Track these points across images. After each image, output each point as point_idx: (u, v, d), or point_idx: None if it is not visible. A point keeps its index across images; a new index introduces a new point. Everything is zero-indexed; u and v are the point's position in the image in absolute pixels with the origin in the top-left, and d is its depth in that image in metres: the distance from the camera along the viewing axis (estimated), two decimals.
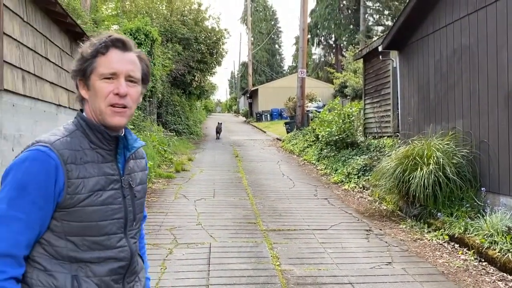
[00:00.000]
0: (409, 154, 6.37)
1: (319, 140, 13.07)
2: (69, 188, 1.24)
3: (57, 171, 1.23)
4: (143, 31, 14.54)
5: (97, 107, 1.32)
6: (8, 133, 5.68)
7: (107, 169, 1.34)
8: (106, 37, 1.33)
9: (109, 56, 1.31)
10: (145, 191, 1.51)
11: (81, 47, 1.35)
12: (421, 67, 7.95)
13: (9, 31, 5.62)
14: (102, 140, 1.34)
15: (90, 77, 1.32)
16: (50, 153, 1.23)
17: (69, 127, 1.36)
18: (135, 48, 1.38)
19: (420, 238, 5.46)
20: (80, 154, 1.29)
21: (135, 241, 1.43)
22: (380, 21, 37.72)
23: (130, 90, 1.33)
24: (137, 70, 1.36)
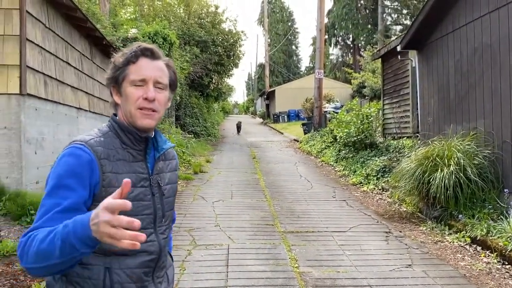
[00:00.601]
0: (429, 155, 6.27)
1: (337, 141, 12.99)
2: (104, 181, 1.34)
3: (91, 165, 1.32)
4: (161, 35, 14.69)
5: (128, 110, 1.42)
6: (31, 137, 5.82)
7: (137, 168, 1.43)
8: (136, 47, 1.44)
9: (139, 64, 1.42)
10: (175, 191, 1.60)
11: (113, 57, 1.47)
12: (441, 66, 7.83)
13: (32, 37, 5.75)
14: (133, 141, 1.44)
15: (122, 84, 1.43)
16: (84, 149, 1.34)
17: (103, 129, 1.46)
18: (163, 57, 1.48)
19: (441, 240, 5.38)
20: (113, 152, 1.39)
21: (164, 237, 1.50)
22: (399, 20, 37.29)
23: (158, 95, 1.42)
24: (165, 76, 1.46)
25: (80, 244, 1.11)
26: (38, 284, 3.78)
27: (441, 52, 7.80)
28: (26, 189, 5.53)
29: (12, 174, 5.51)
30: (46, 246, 1.15)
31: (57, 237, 1.13)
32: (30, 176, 5.74)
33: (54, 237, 1.14)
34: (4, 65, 5.48)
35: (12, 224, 5.02)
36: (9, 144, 5.50)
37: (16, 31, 5.48)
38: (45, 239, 1.16)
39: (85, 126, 8.32)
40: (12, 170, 5.51)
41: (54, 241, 1.14)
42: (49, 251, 1.14)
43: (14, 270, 4.07)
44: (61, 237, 1.12)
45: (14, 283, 3.84)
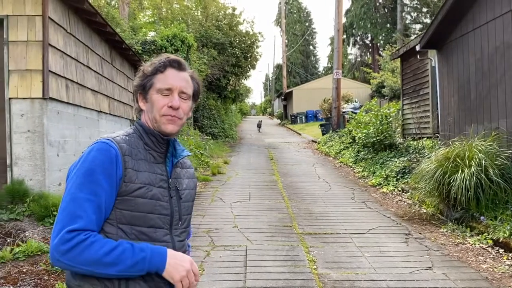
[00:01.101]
0: (449, 156, 6.18)
1: (355, 142, 12.89)
2: (125, 176, 1.40)
3: (117, 159, 1.39)
4: (179, 38, 14.84)
5: (153, 117, 1.51)
6: (54, 139, 5.95)
7: (157, 169, 1.50)
8: (165, 58, 1.54)
9: (166, 74, 1.51)
10: (193, 197, 1.67)
11: (142, 66, 1.57)
12: (461, 65, 7.71)
13: (54, 42, 5.89)
14: (155, 143, 1.52)
15: (148, 91, 1.52)
16: (111, 144, 1.41)
17: (128, 130, 1.55)
18: (188, 68, 1.58)
19: (462, 242, 5.29)
20: (136, 151, 1.47)
21: (180, 239, 1.55)
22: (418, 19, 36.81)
23: (182, 104, 1.52)
24: (189, 87, 1.56)
25: (150, 268, 1.36)
26: (61, 284, 3.87)
27: (461, 51, 7.68)
28: (49, 191, 5.66)
29: (36, 176, 5.65)
30: (114, 259, 1.31)
31: (128, 256, 1.32)
32: (52, 178, 5.88)
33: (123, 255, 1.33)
34: (28, 70, 5.63)
35: (36, 224, 5.15)
36: (33, 147, 5.64)
37: (39, 37, 5.62)
38: (112, 252, 1.31)
39: (106, 128, 8.47)
40: (36, 172, 5.65)
41: (124, 258, 1.32)
42: (114, 263, 1.31)
43: (38, 269, 4.18)
44: (135, 259, 1.33)
45: (38, 282, 3.94)
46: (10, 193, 5.36)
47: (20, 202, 5.37)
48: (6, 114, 5.62)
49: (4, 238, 4.79)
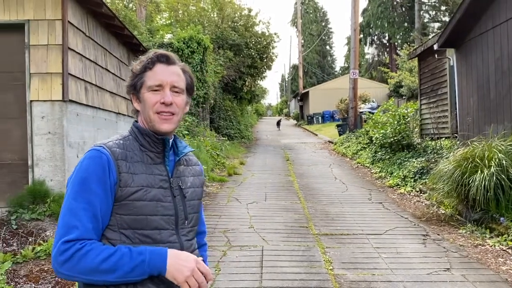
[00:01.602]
0: (468, 156, 6.09)
1: (373, 143, 12.79)
2: (120, 181, 1.37)
3: (109, 165, 1.37)
4: (195, 39, 14.96)
5: (147, 115, 1.47)
6: (73, 141, 6.07)
7: (155, 170, 1.46)
8: (153, 53, 1.49)
9: (155, 70, 1.47)
10: (199, 195, 1.61)
11: (132, 66, 1.52)
12: (480, 64, 7.59)
13: (73, 46, 6.01)
14: (151, 143, 1.48)
15: (140, 90, 1.48)
16: (102, 150, 1.39)
17: (124, 133, 1.52)
18: (178, 62, 1.53)
19: (481, 244, 5.21)
20: (131, 154, 1.44)
21: (188, 239, 1.50)
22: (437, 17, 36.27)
23: (175, 99, 1.47)
24: (181, 80, 1.50)
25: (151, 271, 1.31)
26: None
27: (481, 50, 7.55)
28: None
29: (56, 177, 5.77)
30: (111, 266, 1.29)
31: (126, 261, 1.29)
32: None
33: (121, 260, 1.29)
34: (48, 73, 5.76)
35: (56, 224, 5.26)
36: (53, 149, 5.77)
37: (59, 41, 5.74)
38: (110, 258, 1.29)
39: (124, 130, 8.56)
40: (56, 173, 5.78)
41: (122, 263, 1.29)
42: (112, 270, 1.29)
43: None
44: (134, 263, 1.30)
45: (59, 281, 4.03)
46: (31, 194, 5.50)
47: (41, 202, 5.50)
48: (27, 116, 5.76)
49: (26, 237, 4.91)
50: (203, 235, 1.78)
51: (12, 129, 5.86)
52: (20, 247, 4.70)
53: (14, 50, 5.83)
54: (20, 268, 4.25)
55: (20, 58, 5.79)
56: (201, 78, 15.32)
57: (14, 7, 5.75)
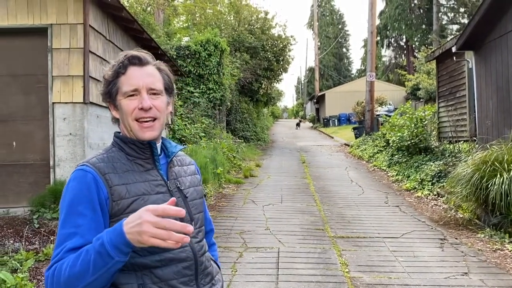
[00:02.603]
0: (487, 160, 6.02)
1: (389, 146, 12.69)
2: (112, 195, 1.29)
3: (96, 182, 1.28)
4: (212, 42, 15.09)
5: (127, 124, 1.38)
6: (93, 142, 6.20)
7: (149, 176, 1.38)
8: (123, 56, 1.39)
9: (128, 74, 1.37)
10: (200, 194, 1.53)
11: (103, 72, 1.42)
12: (500, 67, 7.49)
13: (94, 49, 6.15)
14: (137, 150, 1.39)
15: (116, 98, 1.39)
16: (86, 169, 1.30)
17: (107, 147, 1.44)
18: (153, 61, 1.43)
19: (500, 249, 5.14)
20: (119, 165, 1.35)
21: (197, 240, 1.43)
22: (455, 19, 35.85)
23: (155, 102, 1.37)
24: (158, 81, 1.40)
25: (115, 251, 1.12)
26: None
27: (500, 52, 7.46)
28: None
29: None
30: (79, 268, 1.15)
31: (89, 254, 1.14)
32: None
33: (86, 255, 1.15)
34: (70, 76, 5.90)
35: None
36: (74, 149, 5.91)
37: (80, 44, 5.89)
38: (76, 262, 1.16)
39: None
40: None
41: (87, 258, 1.14)
42: (82, 271, 1.15)
43: None
44: (94, 251, 1.13)
45: None
46: (52, 193, 5.63)
47: None
48: (49, 117, 5.91)
49: (48, 236, 5.04)
50: (211, 234, 1.69)
51: (35, 130, 6.02)
52: (42, 246, 4.83)
53: (37, 53, 5.99)
54: (42, 266, 4.36)
55: (43, 61, 5.95)
56: (217, 81, 15.44)
57: (37, 12, 5.92)
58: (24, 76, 6.04)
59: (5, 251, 4.62)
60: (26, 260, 4.33)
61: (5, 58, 6.05)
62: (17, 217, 5.49)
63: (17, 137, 6.01)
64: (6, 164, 6.00)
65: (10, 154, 6.00)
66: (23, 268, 4.13)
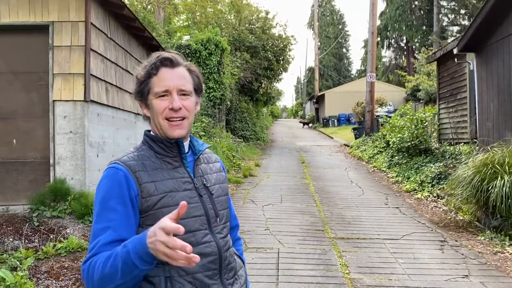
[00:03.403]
0: (488, 162, 6.02)
1: (389, 147, 12.69)
2: (142, 192, 1.36)
3: (127, 180, 1.35)
4: (213, 41, 15.06)
5: (157, 122, 1.44)
6: (94, 140, 6.18)
7: (176, 174, 1.44)
8: (156, 57, 1.45)
9: (160, 75, 1.42)
10: (225, 190, 1.59)
11: (136, 72, 1.48)
12: (501, 69, 7.49)
13: (95, 47, 6.13)
14: (165, 149, 1.45)
15: (147, 97, 1.45)
16: (117, 167, 1.38)
17: (137, 145, 1.51)
18: (183, 61, 1.48)
19: (500, 251, 5.14)
20: (148, 163, 1.42)
21: (222, 236, 1.49)
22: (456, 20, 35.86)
23: (184, 102, 1.43)
24: (188, 82, 1.46)
25: (140, 261, 1.17)
26: None
27: (502, 54, 7.45)
28: (89, 190, 5.89)
29: (77, 176, 5.89)
30: (108, 270, 1.21)
31: (118, 259, 1.20)
32: (92, 178, 6.11)
33: (115, 260, 1.21)
34: (71, 74, 5.88)
35: (77, 222, 5.37)
36: (74, 148, 5.89)
37: (81, 42, 5.86)
38: (107, 263, 1.22)
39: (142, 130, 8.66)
40: (77, 172, 5.89)
41: (115, 263, 1.20)
42: (111, 273, 1.21)
43: (78, 265, 4.36)
44: (121, 258, 1.19)
45: (78, 278, 4.11)
46: (52, 192, 5.62)
47: (62, 200, 5.61)
48: (50, 115, 5.89)
49: (47, 234, 5.02)
50: (236, 229, 1.77)
51: (35, 128, 6.00)
52: (41, 244, 4.81)
53: (38, 50, 5.97)
54: (42, 264, 4.35)
55: (44, 59, 5.92)
56: (218, 80, 15.42)
57: (39, 9, 5.89)
58: (25, 73, 6.02)
59: (5, 249, 4.60)
60: (25, 258, 4.31)
61: (6, 55, 6.03)
62: (17, 215, 5.47)
63: (17, 135, 5.99)
64: (6, 162, 5.98)
65: (10, 151, 5.97)
66: (23, 266, 4.11)
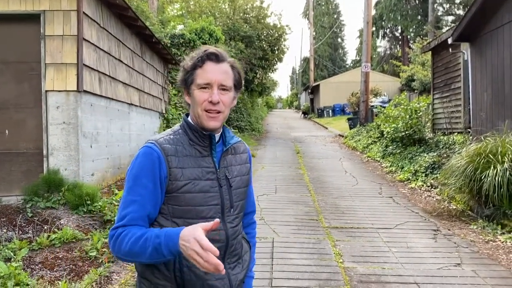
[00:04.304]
0: (481, 152, 6.05)
1: (384, 137, 12.73)
2: (170, 175, 1.48)
3: (160, 161, 1.48)
4: (207, 31, 14.95)
5: (196, 112, 1.55)
6: (87, 131, 6.15)
7: (203, 162, 1.55)
8: (203, 51, 1.55)
9: (205, 68, 1.53)
10: (245, 182, 1.70)
11: (183, 62, 1.60)
12: (495, 59, 7.50)
13: (88, 37, 6.06)
14: (198, 138, 1.57)
15: (190, 87, 1.56)
16: (154, 148, 1.50)
17: (175, 127, 1.63)
18: (228, 58, 1.59)
19: (492, 240, 5.19)
20: (180, 148, 1.54)
21: (233, 225, 1.61)
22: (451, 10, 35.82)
23: (223, 97, 1.54)
24: (229, 78, 1.56)
25: (169, 253, 1.36)
26: (95, 270, 4.03)
27: (496, 44, 7.46)
28: (83, 181, 5.87)
29: (70, 167, 5.86)
30: (138, 249, 1.39)
31: (148, 244, 1.37)
32: (86, 168, 6.08)
33: (145, 243, 1.38)
34: (63, 64, 5.82)
35: (71, 213, 5.36)
36: (68, 138, 5.85)
37: (74, 31, 5.80)
38: (137, 242, 1.39)
39: (136, 121, 8.66)
40: (70, 162, 5.86)
41: (146, 246, 1.38)
42: (140, 253, 1.39)
43: (73, 256, 4.36)
44: (153, 246, 1.37)
45: (73, 268, 4.12)
46: (46, 182, 5.59)
47: (56, 191, 5.59)
48: (43, 106, 5.84)
49: (41, 225, 5.01)
50: (252, 215, 1.91)
51: (27, 118, 5.95)
52: (35, 235, 4.80)
53: (30, 40, 5.90)
54: (36, 255, 4.35)
55: (35, 49, 5.86)
56: None
57: None
58: (16, 63, 5.95)
59: None
60: (19, 249, 4.30)
61: None
62: (10, 206, 5.45)
63: (9, 125, 5.94)
64: None
65: (2, 142, 5.93)
66: (17, 257, 4.11)
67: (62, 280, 3.81)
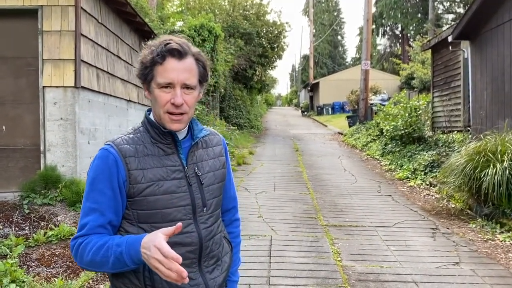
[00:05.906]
0: (480, 150, 6.03)
1: (383, 135, 12.70)
2: (130, 178, 1.37)
3: (117, 164, 1.37)
4: (207, 28, 14.89)
5: (157, 112, 1.42)
6: (85, 127, 6.11)
7: (168, 161, 1.42)
8: (163, 45, 1.38)
9: (166, 66, 1.37)
10: (220, 177, 1.57)
11: (142, 52, 1.43)
12: (495, 57, 7.47)
13: (86, 32, 6.02)
14: (160, 135, 1.43)
15: (150, 84, 1.42)
16: (110, 150, 1.39)
17: (136, 125, 1.50)
18: (192, 49, 1.42)
19: (491, 239, 5.17)
20: (141, 148, 1.41)
21: (207, 226, 1.48)
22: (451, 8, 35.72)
23: (186, 97, 1.40)
24: (193, 76, 1.41)
25: (131, 262, 1.29)
26: None
27: (496, 42, 7.43)
28: (80, 177, 5.84)
29: (68, 163, 5.83)
30: (100, 259, 1.32)
31: (110, 254, 1.30)
32: (83, 165, 6.05)
33: (107, 252, 1.31)
34: (61, 59, 5.78)
35: (68, 209, 5.33)
36: (65, 135, 5.82)
37: (71, 27, 5.75)
38: (98, 252, 1.32)
39: (135, 117, 8.63)
40: (68, 159, 5.83)
41: (107, 255, 1.31)
42: (102, 262, 1.32)
43: (70, 253, 4.33)
44: (114, 255, 1.30)
45: (70, 265, 4.09)
46: (43, 179, 5.56)
47: (53, 188, 5.56)
48: (40, 102, 5.81)
49: (38, 222, 4.98)
50: (234, 211, 1.77)
51: (24, 114, 5.91)
52: (32, 231, 4.77)
53: (27, 36, 5.86)
54: (32, 252, 4.32)
55: (33, 44, 5.82)
56: (211, 67, 15.27)
57: None
58: (13, 58, 5.91)
59: None
60: (16, 246, 4.27)
61: None
62: (7, 202, 5.42)
63: (6, 121, 5.91)
64: None
65: None
66: (13, 254, 4.08)
67: (58, 277, 3.79)
